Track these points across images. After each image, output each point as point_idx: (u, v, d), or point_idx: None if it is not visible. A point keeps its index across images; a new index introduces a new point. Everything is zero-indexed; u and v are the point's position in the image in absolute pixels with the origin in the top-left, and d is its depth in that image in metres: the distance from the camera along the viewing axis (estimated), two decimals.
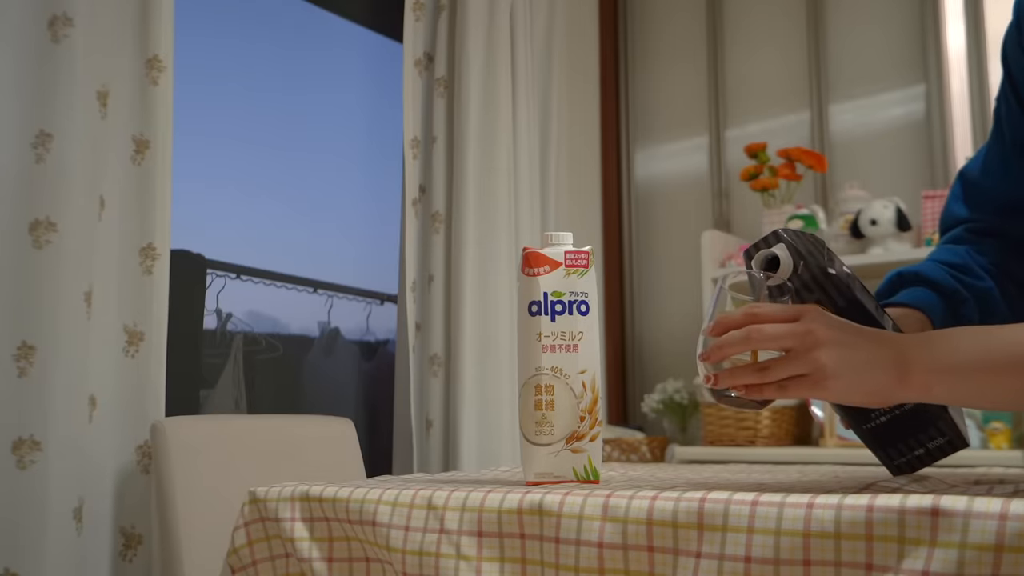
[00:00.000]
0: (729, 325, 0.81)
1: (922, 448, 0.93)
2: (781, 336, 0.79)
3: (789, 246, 0.88)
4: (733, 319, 0.81)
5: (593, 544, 0.78)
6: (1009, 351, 0.78)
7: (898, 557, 0.65)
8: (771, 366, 0.79)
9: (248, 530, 0.99)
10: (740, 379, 0.81)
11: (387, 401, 2.36)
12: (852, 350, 0.79)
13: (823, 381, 0.78)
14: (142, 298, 1.65)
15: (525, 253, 0.98)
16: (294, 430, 1.81)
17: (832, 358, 0.78)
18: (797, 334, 0.78)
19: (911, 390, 0.79)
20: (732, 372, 0.81)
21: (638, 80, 3.09)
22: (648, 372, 2.94)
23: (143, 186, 1.67)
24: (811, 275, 0.88)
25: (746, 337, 0.79)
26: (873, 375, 0.79)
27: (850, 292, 0.88)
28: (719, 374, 0.81)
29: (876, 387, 0.79)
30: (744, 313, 0.81)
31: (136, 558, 1.61)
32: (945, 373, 0.79)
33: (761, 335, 0.79)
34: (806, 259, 0.88)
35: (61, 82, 1.51)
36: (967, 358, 0.79)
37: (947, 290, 1.04)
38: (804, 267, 0.88)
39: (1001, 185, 1.08)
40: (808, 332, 0.78)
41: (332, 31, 2.49)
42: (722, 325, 0.81)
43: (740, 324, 0.80)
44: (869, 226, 2.35)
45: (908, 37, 2.61)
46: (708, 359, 0.82)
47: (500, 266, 2.32)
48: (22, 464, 1.42)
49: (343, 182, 2.51)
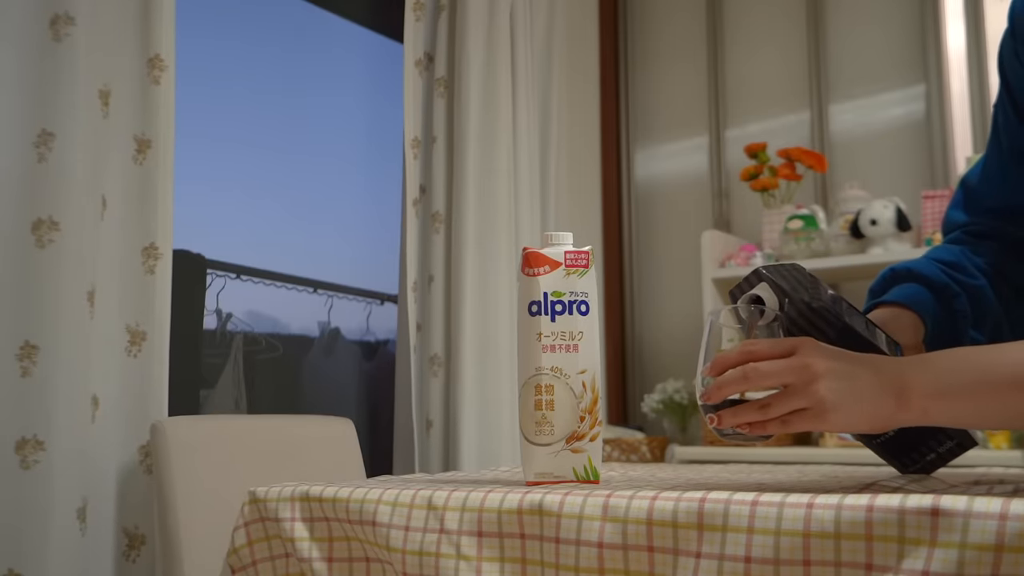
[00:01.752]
0: (726, 364, 0.81)
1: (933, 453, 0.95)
2: (778, 373, 0.79)
3: (772, 284, 0.88)
4: (729, 358, 0.81)
5: (593, 544, 0.78)
6: (1006, 371, 0.78)
7: (898, 557, 0.66)
8: (772, 403, 0.80)
9: (248, 530, 1.00)
10: (742, 418, 0.81)
11: (387, 401, 2.36)
12: (850, 380, 0.79)
13: (824, 414, 0.78)
14: (144, 298, 1.65)
15: (525, 253, 0.98)
16: (294, 430, 1.81)
17: (831, 390, 0.78)
18: (794, 369, 0.79)
19: (910, 414, 0.79)
20: (734, 412, 0.81)
21: (638, 80, 3.09)
22: (648, 372, 2.94)
23: (145, 185, 1.67)
24: (797, 311, 0.88)
25: (743, 376, 0.80)
26: (873, 403, 0.79)
27: (839, 321, 0.88)
28: (722, 414, 0.82)
29: (876, 414, 0.79)
30: (740, 352, 0.81)
31: (139, 558, 1.61)
32: (943, 396, 0.79)
33: (758, 374, 0.79)
34: (790, 295, 0.88)
35: (63, 81, 1.51)
36: (964, 380, 0.79)
37: (938, 285, 1.03)
38: (789, 304, 0.88)
39: (999, 192, 1.08)
40: (805, 367, 0.78)
41: (332, 31, 2.50)
42: (719, 365, 0.82)
43: (737, 363, 0.81)
44: (869, 226, 2.35)
45: (908, 37, 2.61)
46: (709, 400, 0.82)
47: (500, 266, 2.32)
48: (25, 464, 1.42)
49: (343, 182, 2.51)
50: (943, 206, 2.32)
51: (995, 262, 1.08)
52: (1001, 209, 1.08)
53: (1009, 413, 0.78)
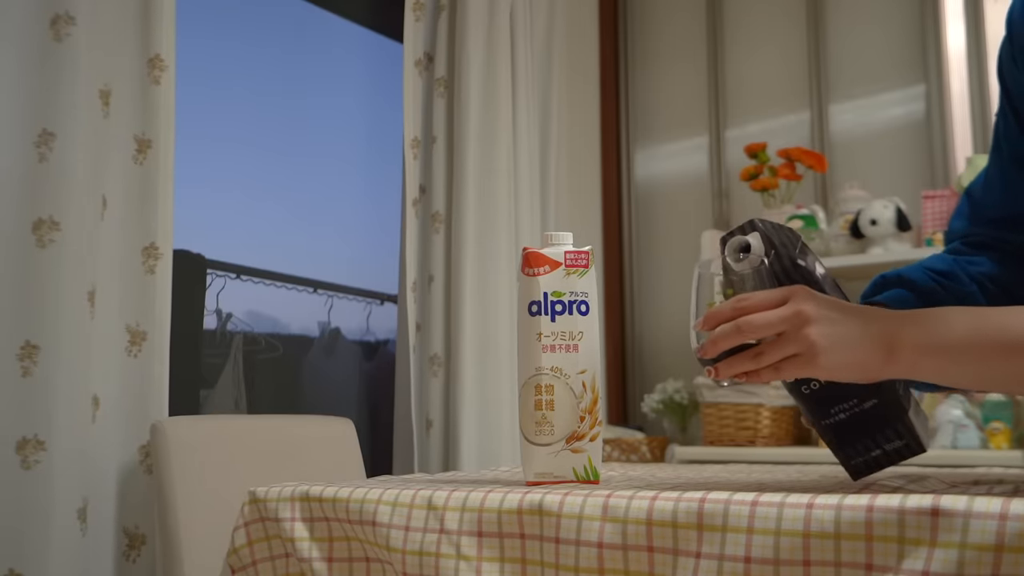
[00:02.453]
0: (719, 319, 0.82)
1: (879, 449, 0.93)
2: (770, 323, 0.80)
3: (762, 235, 0.89)
4: (722, 312, 0.82)
5: (593, 544, 0.78)
6: (999, 334, 0.78)
7: (898, 557, 0.66)
8: (765, 350, 0.81)
9: (248, 530, 1.00)
10: (737, 368, 0.82)
11: (387, 401, 2.36)
12: (841, 326, 0.80)
13: (814, 358, 0.79)
14: (145, 298, 1.65)
15: (525, 253, 0.98)
16: (294, 430, 1.81)
17: (821, 335, 0.79)
18: (786, 317, 0.80)
19: (899, 366, 0.80)
20: (729, 363, 0.83)
21: (638, 80, 3.09)
22: (648, 372, 2.94)
23: (145, 185, 1.67)
24: (781, 266, 0.88)
25: (736, 329, 0.81)
26: (863, 351, 0.80)
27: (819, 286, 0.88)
28: (718, 366, 0.83)
29: (865, 362, 0.80)
30: (732, 306, 0.82)
31: (140, 558, 1.61)
32: (933, 351, 0.79)
33: (751, 326, 0.80)
34: (777, 249, 0.88)
35: (63, 81, 1.51)
36: (956, 338, 0.79)
37: (925, 291, 1.04)
38: (775, 257, 0.88)
39: (1001, 200, 1.08)
40: (796, 313, 0.80)
41: (332, 31, 2.50)
42: (712, 319, 0.83)
43: (729, 317, 0.81)
44: (869, 226, 2.35)
45: (908, 37, 2.61)
46: (706, 355, 0.84)
47: (500, 266, 2.32)
48: (26, 464, 1.42)
49: (343, 182, 2.51)
50: (943, 206, 2.32)
51: (994, 273, 1.08)
52: (1003, 219, 1.08)
53: (994, 375, 0.79)
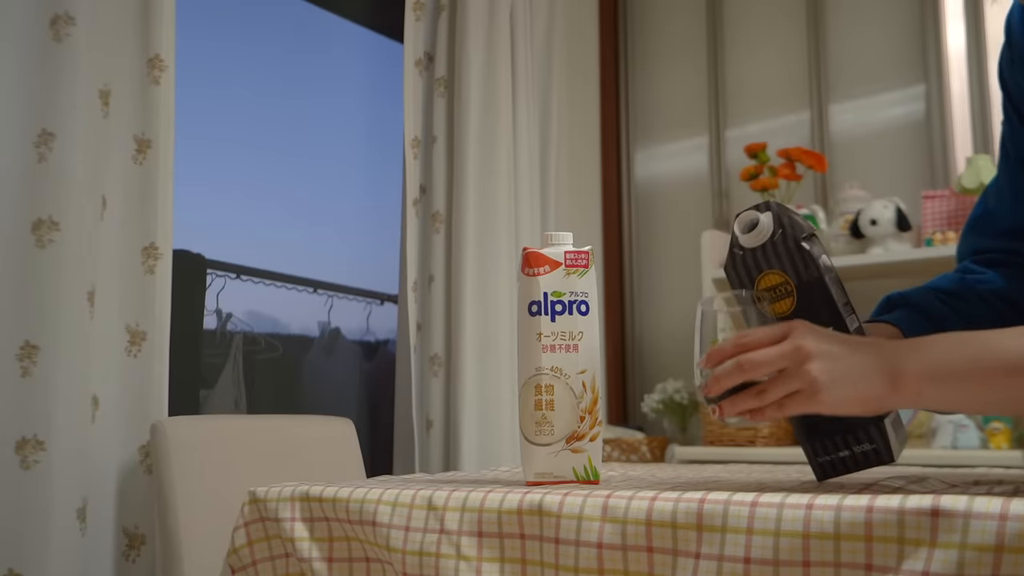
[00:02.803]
0: (722, 356, 0.82)
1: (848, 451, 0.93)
2: (771, 360, 0.80)
3: (775, 215, 0.89)
4: (724, 350, 0.82)
5: (592, 545, 0.78)
6: (998, 357, 0.78)
7: (898, 558, 0.66)
8: (768, 388, 0.80)
9: (248, 530, 1.00)
10: (741, 406, 0.82)
11: (387, 401, 2.36)
12: (842, 361, 0.79)
13: (816, 394, 0.79)
14: (144, 298, 1.65)
15: (525, 253, 0.98)
16: (294, 430, 1.81)
17: (823, 371, 0.78)
18: (786, 354, 0.79)
19: (903, 396, 0.80)
20: (733, 401, 0.82)
21: (638, 80, 3.09)
22: (648, 372, 2.94)
23: (145, 185, 1.67)
24: (785, 246, 0.89)
25: (738, 367, 0.81)
26: (866, 385, 0.79)
27: (817, 273, 0.88)
28: (722, 405, 0.83)
29: (868, 396, 0.80)
30: (733, 343, 0.82)
31: (139, 558, 1.61)
32: (935, 379, 0.79)
33: (751, 363, 0.80)
34: (785, 230, 0.89)
35: (63, 81, 1.51)
36: (957, 364, 0.79)
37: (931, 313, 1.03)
38: (781, 236, 0.89)
39: (1012, 208, 1.07)
40: (797, 349, 0.79)
41: (332, 31, 2.50)
42: (715, 357, 0.83)
43: (731, 354, 0.82)
44: (869, 226, 2.35)
45: (908, 37, 2.61)
46: (709, 393, 0.84)
47: (500, 266, 2.32)
48: (26, 464, 1.42)
49: (343, 182, 2.51)
50: (943, 206, 2.32)
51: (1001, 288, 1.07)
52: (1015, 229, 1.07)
53: (999, 398, 0.79)
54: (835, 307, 0.89)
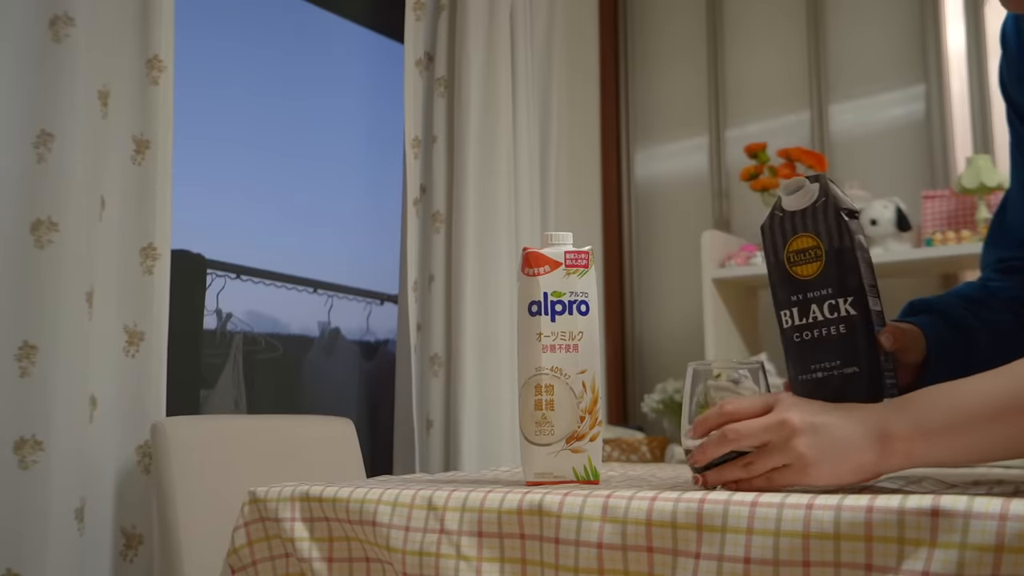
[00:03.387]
0: (707, 426, 0.84)
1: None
2: (755, 433, 0.80)
3: (823, 187, 0.89)
4: (708, 420, 0.84)
5: (592, 545, 0.78)
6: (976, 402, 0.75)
7: (898, 558, 0.66)
8: (754, 460, 0.80)
9: (248, 530, 1.00)
10: (727, 476, 0.82)
11: (387, 401, 2.36)
12: (827, 435, 0.78)
13: (805, 469, 0.78)
14: (143, 298, 1.65)
15: (525, 253, 0.98)
16: (294, 430, 1.81)
17: (809, 445, 0.77)
18: (771, 427, 0.79)
19: (893, 459, 0.77)
20: (719, 471, 0.83)
21: (638, 80, 3.09)
22: (648, 372, 2.94)
23: (144, 186, 1.67)
24: (824, 213, 0.88)
25: (723, 438, 0.81)
26: (855, 455, 0.77)
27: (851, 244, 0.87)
28: (707, 475, 0.84)
29: (859, 465, 0.78)
30: (718, 414, 0.83)
31: (137, 558, 1.61)
32: (922, 436, 0.76)
33: (737, 435, 0.81)
34: (828, 199, 0.89)
35: (62, 82, 1.51)
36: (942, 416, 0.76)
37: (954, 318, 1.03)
38: (823, 204, 0.89)
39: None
40: (781, 423, 0.79)
41: (332, 32, 2.50)
42: (700, 427, 0.85)
43: (716, 425, 0.83)
44: (869, 226, 2.35)
45: (908, 37, 2.61)
46: (695, 463, 0.85)
47: (500, 266, 2.32)
48: (24, 464, 1.42)
49: (343, 182, 2.51)
50: (943, 206, 2.32)
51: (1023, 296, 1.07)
52: None
53: (987, 445, 0.75)
54: (860, 283, 0.87)
